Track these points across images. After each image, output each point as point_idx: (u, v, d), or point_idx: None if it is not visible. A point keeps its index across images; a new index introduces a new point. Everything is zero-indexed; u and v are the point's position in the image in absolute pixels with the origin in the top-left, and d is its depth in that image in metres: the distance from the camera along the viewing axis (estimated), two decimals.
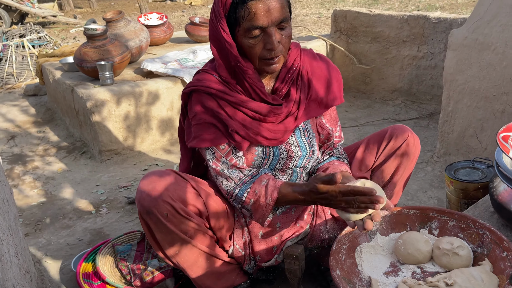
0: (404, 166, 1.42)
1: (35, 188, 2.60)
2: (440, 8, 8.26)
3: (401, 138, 1.40)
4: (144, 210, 1.22)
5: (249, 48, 1.20)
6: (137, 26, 3.40)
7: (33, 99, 4.35)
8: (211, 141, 1.28)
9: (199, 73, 1.33)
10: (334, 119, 1.45)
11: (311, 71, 1.34)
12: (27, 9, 10.42)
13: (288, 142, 1.35)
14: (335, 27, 3.54)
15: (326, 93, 1.36)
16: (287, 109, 1.30)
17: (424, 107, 3.10)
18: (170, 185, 1.24)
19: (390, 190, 1.46)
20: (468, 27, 2.08)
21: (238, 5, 1.15)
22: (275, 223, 1.41)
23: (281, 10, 1.15)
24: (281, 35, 1.18)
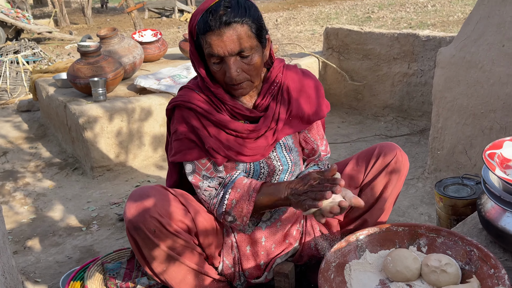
0: (393, 183, 1.43)
1: (25, 204, 2.58)
2: (431, 25, 8.41)
3: (389, 156, 1.41)
4: (131, 226, 1.22)
5: (214, 73, 1.24)
6: (131, 43, 3.43)
7: (26, 115, 4.34)
8: (191, 156, 1.31)
9: (182, 89, 1.37)
10: (319, 133, 1.47)
11: (293, 86, 1.36)
12: (22, 25, 10.47)
13: (270, 157, 1.36)
14: (327, 45, 3.59)
15: (308, 109, 1.37)
16: (264, 124, 1.31)
17: (415, 123, 3.13)
18: (158, 201, 1.24)
19: (379, 208, 1.47)
20: (455, 45, 2.12)
21: (199, 34, 1.20)
22: (260, 238, 1.41)
23: (238, 41, 1.17)
24: (244, 63, 1.21)
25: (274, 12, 14.52)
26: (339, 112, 3.62)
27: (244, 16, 1.17)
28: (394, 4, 12.78)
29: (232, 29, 1.16)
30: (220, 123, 1.29)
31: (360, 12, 11.87)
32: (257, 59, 1.22)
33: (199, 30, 1.19)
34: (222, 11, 1.15)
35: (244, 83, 1.24)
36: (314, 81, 1.41)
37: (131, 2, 5.85)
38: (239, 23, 1.17)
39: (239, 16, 1.16)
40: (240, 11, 1.17)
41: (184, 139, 1.31)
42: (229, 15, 1.15)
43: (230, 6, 1.16)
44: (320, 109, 1.40)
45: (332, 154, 2.85)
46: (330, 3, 15.59)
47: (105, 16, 19.51)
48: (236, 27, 1.16)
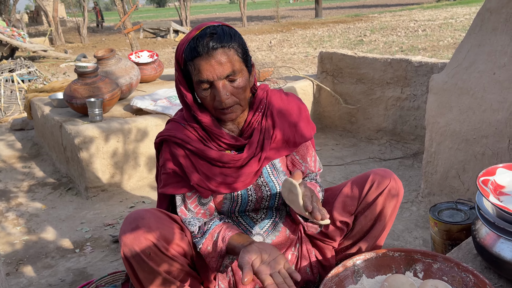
0: (387, 211, 1.44)
1: (18, 225, 2.55)
2: (422, 49, 8.59)
3: (383, 183, 1.42)
4: (126, 249, 1.22)
5: (202, 99, 1.26)
6: (128, 64, 3.46)
7: (20, 133, 4.33)
8: (178, 190, 1.33)
9: (169, 123, 1.40)
10: (308, 153, 1.46)
11: (277, 111, 1.38)
12: (17, 44, 10.51)
13: (257, 183, 1.37)
14: (322, 68, 3.65)
15: (293, 132, 1.39)
16: (249, 152, 1.32)
17: (408, 146, 3.17)
18: (154, 224, 1.24)
19: (374, 235, 1.46)
20: (447, 72, 2.17)
21: (187, 61, 1.23)
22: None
23: (226, 65, 1.20)
24: (232, 87, 1.24)
25: (268, 34, 14.75)
26: (333, 135, 3.66)
27: (230, 41, 1.22)
28: (385, 28, 13.07)
29: (220, 54, 1.20)
30: (205, 156, 1.31)
31: (353, 35, 12.10)
32: (245, 82, 1.26)
33: (186, 57, 1.22)
34: (209, 38, 1.20)
35: (234, 107, 1.26)
36: (298, 104, 1.43)
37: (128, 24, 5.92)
38: (226, 47, 1.21)
39: (225, 41, 1.21)
40: (226, 37, 1.21)
41: (171, 173, 1.34)
42: (215, 41, 1.19)
43: (216, 33, 1.21)
44: (305, 131, 1.41)
45: (326, 177, 2.87)
46: (323, 26, 15.89)
47: (100, 35, 19.68)
48: (223, 51, 1.20)
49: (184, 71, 1.26)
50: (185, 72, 1.26)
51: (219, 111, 1.27)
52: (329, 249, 1.50)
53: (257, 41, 12.88)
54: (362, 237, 1.47)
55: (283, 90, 1.49)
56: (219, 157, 1.31)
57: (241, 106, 1.29)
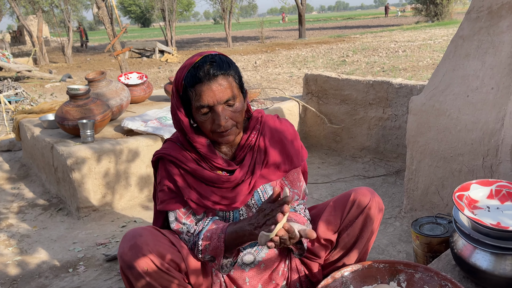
0: (368, 228, 1.51)
1: (9, 246, 2.57)
2: (403, 69, 8.87)
3: (363, 202, 1.49)
4: (125, 265, 1.29)
5: (201, 123, 1.36)
6: (118, 86, 3.54)
7: (7, 154, 4.33)
8: (173, 206, 1.42)
9: (166, 142, 1.49)
10: (295, 180, 1.54)
11: (270, 137, 1.47)
12: (1, 64, 10.48)
13: (248, 205, 1.46)
14: (307, 89, 3.79)
15: (284, 158, 1.48)
16: (240, 175, 1.41)
17: (391, 164, 3.30)
18: (151, 241, 1.31)
19: (357, 251, 1.54)
20: (425, 94, 2.32)
21: (187, 87, 1.32)
22: (244, 279, 1.49)
23: (225, 91, 1.31)
24: (230, 111, 1.34)
25: (253, 55, 15.00)
26: (319, 153, 3.78)
27: (228, 69, 1.33)
28: (367, 48, 13.44)
29: (220, 80, 1.30)
30: (199, 175, 1.40)
31: (336, 56, 12.41)
32: (241, 106, 1.37)
33: (187, 83, 1.32)
34: (209, 66, 1.30)
35: (231, 130, 1.36)
36: (291, 131, 1.52)
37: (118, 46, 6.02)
38: (225, 75, 1.31)
39: (224, 69, 1.32)
40: (224, 65, 1.33)
41: (167, 190, 1.43)
42: (215, 69, 1.30)
43: (215, 62, 1.32)
44: (296, 158, 1.50)
45: (313, 194, 2.97)
46: (307, 47, 16.24)
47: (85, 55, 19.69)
48: (222, 78, 1.31)
49: (183, 97, 1.35)
50: (184, 98, 1.35)
51: (217, 134, 1.36)
52: (316, 265, 1.58)
53: (242, 61, 13.09)
54: (346, 253, 1.55)
55: (278, 115, 1.58)
56: (214, 179, 1.40)
57: (238, 129, 1.38)
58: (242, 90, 1.39)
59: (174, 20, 20.06)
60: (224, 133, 1.35)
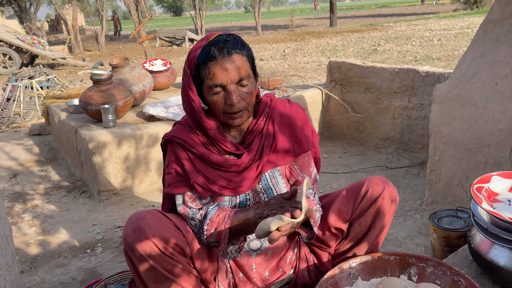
0: (380, 220, 1.46)
1: (33, 226, 2.65)
2: (436, 59, 8.56)
3: (377, 191, 1.44)
4: (128, 247, 1.29)
5: (212, 104, 1.32)
6: (142, 72, 3.57)
7: (38, 138, 4.48)
8: (179, 190, 1.40)
9: (175, 125, 1.47)
10: (306, 165, 1.50)
11: (279, 121, 1.43)
12: (37, 51, 10.81)
13: (256, 190, 1.43)
14: (330, 77, 3.71)
15: (293, 142, 1.43)
16: (248, 159, 1.38)
17: (415, 155, 3.19)
18: (154, 224, 1.31)
19: (368, 242, 1.49)
20: (451, 82, 2.21)
21: (200, 65, 1.29)
22: (250, 265, 1.47)
23: (239, 70, 1.27)
24: (242, 91, 1.30)
25: (282, 43, 14.86)
26: (341, 143, 3.70)
27: (242, 48, 1.30)
28: (400, 37, 13.05)
29: (234, 59, 1.27)
30: (206, 159, 1.37)
31: (367, 45, 12.11)
32: (253, 88, 1.33)
33: (201, 61, 1.28)
34: (223, 43, 1.27)
35: (242, 112, 1.33)
36: (301, 114, 1.47)
37: (143, 33, 6.08)
38: (239, 54, 1.28)
39: (238, 48, 1.29)
40: (239, 44, 1.30)
41: (174, 173, 1.41)
42: (230, 47, 1.27)
43: (229, 40, 1.29)
44: (306, 142, 1.45)
45: (332, 184, 2.91)
46: (337, 36, 15.93)
47: (118, 43, 20.06)
48: (237, 57, 1.28)
49: (196, 76, 1.32)
50: (196, 77, 1.32)
51: (228, 115, 1.32)
52: (325, 254, 1.54)
53: (271, 50, 12.99)
54: (357, 244, 1.50)
55: (289, 99, 1.54)
56: (221, 162, 1.37)
57: (248, 112, 1.35)
58: (254, 73, 1.35)
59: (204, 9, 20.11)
60: (235, 114, 1.32)
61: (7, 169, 3.64)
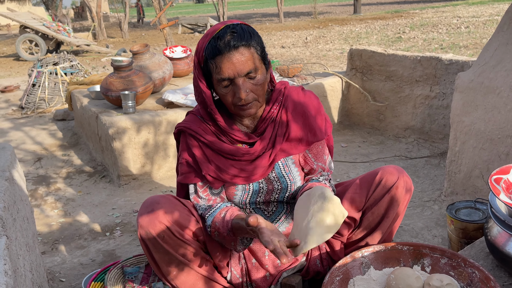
0: (394, 209, 1.44)
1: (55, 208, 2.73)
2: (463, 47, 8.31)
3: (391, 181, 1.42)
4: (142, 231, 1.31)
5: (222, 96, 1.32)
6: (162, 59, 3.60)
7: (61, 123, 4.58)
8: (191, 180, 1.42)
9: (188, 115, 1.47)
10: (320, 153, 1.49)
11: (292, 109, 1.42)
12: (62, 38, 10.99)
13: (269, 178, 1.43)
14: (351, 65, 3.65)
15: (307, 131, 1.42)
16: (261, 147, 1.38)
17: (436, 146, 3.13)
18: (168, 209, 1.33)
19: (381, 231, 1.48)
20: (474, 70, 2.14)
21: (208, 59, 1.28)
22: (263, 252, 1.48)
23: (246, 63, 1.25)
24: (252, 83, 1.29)
25: (304, 30, 14.68)
26: (361, 132, 3.66)
27: (249, 39, 1.27)
28: (426, 24, 12.71)
29: (241, 52, 1.25)
30: (217, 148, 1.38)
31: (391, 32, 11.85)
32: (263, 79, 1.31)
33: (208, 55, 1.27)
34: (229, 36, 1.25)
35: (252, 103, 1.32)
36: (315, 103, 1.46)
37: (164, 19, 6.10)
38: (246, 46, 1.26)
39: (245, 40, 1.26)
40: (246, 35, 1.27)
41: (186, 163, 1.43)
42: (236, 40, 1.25)
43: (236, 32, 1.26)
44: (319, 131, 1.44)
45: (350, 173, 2.89)
46: (361, 23, 15.63)
47: (141, 30, 20.21)
48: (243, 50, 1.25)
49: (205, 69, 1.32)
50: (205, 70, 1.32)
51: (238, 107, 1.32)
52: (338, 243, 1.54)
53: (293, 37, 12.86)
54: (370, 233, 1.49)
55: (303, 87, 1.53)
56: (233, 152, 1.37)
57: (259, 102, 1.34)
58: (264, 62, 1.33)
59: None
60: (245, 106, 1.31)
61: (32, 153, 3.75)
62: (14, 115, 5.14)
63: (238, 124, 1.43)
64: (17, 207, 1.44)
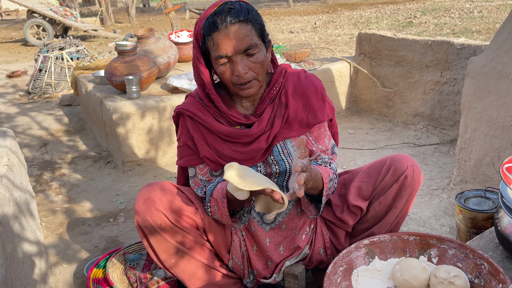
0: (402, 198, 1.40)
1: (60, 194, 2.73)
2: (476, 32, 8.13)
3: (400, 170, 1.38)
4: (139, 218, 1.29)
5: (221, 75, 1.28)
6: (167, 43, 3.54)
7: (68, 109, 4.57)
8: (190, 163, 1.38)
9: (187, 97, 1.44)
10: (321, 136, 1.44)
11: (292, 90, 1.37)
12: (70, 23, 10.95)
13: (267, 161, 1.39)
14: (360, 50, 3.57)
15: (307, 113, 1.38)
16: (258, 129, 1.34)
17: (446, 133, 3.06)
18: (166, 196, 1.30)
19: (388, 222, 1.44)
20: (487, 55, 2.07)
21: (205, 37, 1.25)
22: (264, 238, 1.44)
23: (244, 39, 1.21)
24: (250, 61, 1.25)
25: (313, 15, 14.47)
26: (369, 119, 3.59)
27: (247, 15, 1.24)
28: (438, 9, 12.44)
29: (238, 28, 1.21)
30: (215, 130, 1.35)
31: (402, 17, 11.62)
32: (262, 57, 1.27)
33: (205, 32, 1.24)
34: (227, 12, 1.22)
35: (252, 82, 1.28)
36: (316, 85, 1.41)
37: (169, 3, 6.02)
38: (243, 22, 1.22)
39: (243, 15, 1.23)
40: (243, 12, 1.23)
41: (185, 146, 1.40)
42: (233, 15, 1.22)
43: (233, 8, 1.23)
44: (320, 112, 1.39)
45: (357, 160, 2.84)
46: (371, 7, 15.35)
47: (148, 15, 20.07)
48: (241, 25, 1.22)
49: (203, 48, 1.29)
50: (204, 48, 1.29)
51: (237, 86, 1.28)
52: (343, 232, 1.50)
53: (301, 22, 12.69)
54: (375, 223, 1.45)
55: (305, 70, 1.48)
56: (230, 133, 1.34)
57: (259, 82, 1.30)
58: (264, 40, 1.29)
59: None
60: (245, 85, 1.27)
61: (38, 138, 3.75)
62: (21, 100, 5.14)
63: (238, 106, 1.39)
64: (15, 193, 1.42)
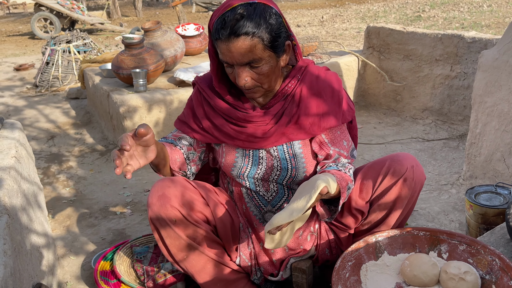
0: (403, 200, 1.35)
1: (67, 186, 2.73)
2: (485, 26, 8.03)
3: (398, 173, 1.32)
4: (153, 215, 1.28)
5: (228, 74, 1.27)
6: (173, 36, 3.53)
7: (75, 102, 4.58)
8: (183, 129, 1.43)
9: (208, 72, 1.43)
10: (338, 139, 1.38)
11: (307, 91, 1.32)
12: (77, 16, 10.96)
13: (270, 153, 1.36)
14: (368, 43, 3.53)
15: (319, 116, 1.32)
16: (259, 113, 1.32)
17: (455, 127, 3.02)
18: (179, 192, 1.29)
19: (389, 224, 1.39)
20: (499, 48, 2.03)
21: (212, 38, 1.22)
22: None
23: (245, 54, 1.15)
24: (254, 72, 1.21)
25: (320, 9, 14.37)
26: (377, 113, 3.56)
27: (256, 27, 1.14)
28: (447, 3, 12.30)
29: (241, 41, 1.14)
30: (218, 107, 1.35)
31: (410, 11, 11.50)
32: (269, 68, 1.21)
33: (212, 35, 1.21)
34: (234, 21, 1.14)
35: (255, 89, 1.25)
36: (333, 87, 1.34)
37: None
38: (249, 35, 1.14)
39: (251, 27, 1.14)
40: (253, 22, 1.14)
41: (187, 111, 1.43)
42: (239, 26, 1.13)
43: (244, 16, 1.15)
44: (334, 116, 1.33)
45: (364, 155, 2.82)
46: (379, 1, 15.21)
47: (155, 9, 20.04)
48: (245, 39, 1.14)
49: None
50: None
51: (241, 88, 1.26)
52: (346, 235, 1.47)
53: (308, 16, 12.60)
54: (377, 225, 1.41)
55: (327, 67, 1.42)
56: (229, 111, 1.34)
57: (263, 89, 1.27)
58: (275, 50, 1.21)
59: None
60: (247, 90, 1.26)
61: (45, 131, 3.76)
62: (28, 93, 5.16)
63: (251, 100, 1.37)
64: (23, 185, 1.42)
